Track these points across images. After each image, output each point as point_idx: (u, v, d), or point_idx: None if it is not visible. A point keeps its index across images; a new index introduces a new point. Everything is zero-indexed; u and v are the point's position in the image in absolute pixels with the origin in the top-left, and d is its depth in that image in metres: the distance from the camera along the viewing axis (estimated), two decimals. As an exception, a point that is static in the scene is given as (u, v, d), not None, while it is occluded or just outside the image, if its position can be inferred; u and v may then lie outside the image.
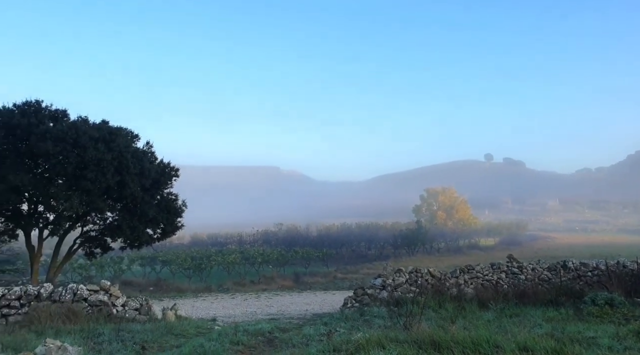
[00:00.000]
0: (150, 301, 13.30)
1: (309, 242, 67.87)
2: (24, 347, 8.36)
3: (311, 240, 71.38)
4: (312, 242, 68.19)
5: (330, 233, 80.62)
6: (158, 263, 41.12)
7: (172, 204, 20.73)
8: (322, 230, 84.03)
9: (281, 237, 77.71)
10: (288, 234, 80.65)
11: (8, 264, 28.08)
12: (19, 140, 17.21)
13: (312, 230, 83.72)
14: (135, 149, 19.48)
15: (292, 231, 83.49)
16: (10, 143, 17.09)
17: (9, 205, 17.74)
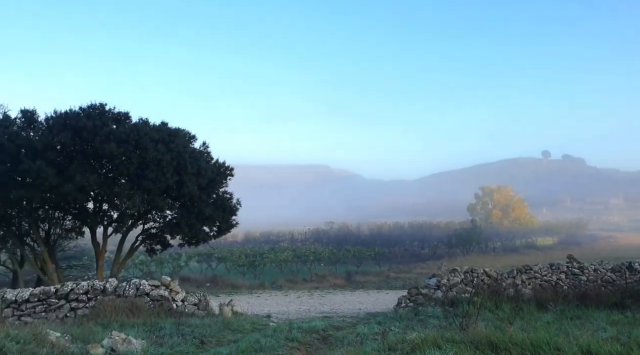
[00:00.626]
0: (208, 297, 13.69)
1: (360, 241, 67.78)
2: (91, 339, 8.79)
3: (363, 239, 71.26)
4: (363, 241, 68.06)
5: (382, 232, 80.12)
6: (214, 260, 42.24)
7: (227, 203, 21.25)
8: (373, 229, 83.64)
9: (332, 236, 77.98)
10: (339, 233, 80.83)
11: (75, 259, 29.64)
12: (85, 142, 18.10)
13: (363, 229, 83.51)
14: (193, 150, 20.09)
15: (344, 230, 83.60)
16: (77, 145, 18.01)
17: (77, 204, 18.72)
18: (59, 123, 18.34)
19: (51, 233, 21.72)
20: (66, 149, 18.07)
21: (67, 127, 18.09)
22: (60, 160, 17.79)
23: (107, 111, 19.06)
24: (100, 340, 8.30)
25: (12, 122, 18.37)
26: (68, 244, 26.53)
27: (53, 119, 18.57)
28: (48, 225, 21.23)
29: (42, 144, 17.56)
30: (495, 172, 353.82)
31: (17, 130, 18.15)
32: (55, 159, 17.59)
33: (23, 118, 18.63)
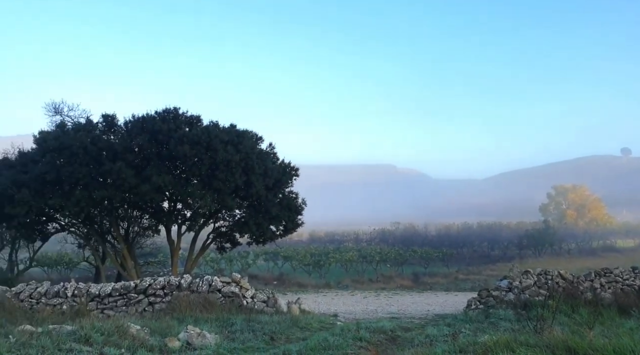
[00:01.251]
0: (276, 294, 13.97)
1: (427, 242, 66.69)
2: (168, 332, 9.22)
3: (430, 240, 70.07)
4: (430, 242, 66.92)
5: (450, 233, 78.43)
6: (280, 258, 42.99)
7: (292, 202, 21.57)
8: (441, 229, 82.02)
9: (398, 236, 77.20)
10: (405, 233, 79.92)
11: (151, 256, 31.16)
12: (161, 145, 18.96)
13: (430, 230, 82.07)
14: (260, 151, 20.55)
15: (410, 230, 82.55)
16: (154, 147, 18.89)
17: (153, 203, 19.65)
18: (136, 127, 19.34)
19: (130, 231, 22.96)
20: (143, 151, 18.99)
21: (144, 130, 19.03)
22: (138, 162, 18.74)
23: (180, 115, 19.89)
24: (176, 334, 8.70)
25: (95, 126, 19.56)
26: (145, 241, 27.96)
27: (131, 123, 19.60)
28: (127, 224, 22.46)
29: (121, 147, 18.58)
30: (569, 170, 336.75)
31: (99, 134, 19.30)
32: (134, 160, 18.56)
33: (104, 122, 19.79)
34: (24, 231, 20.15)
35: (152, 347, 7.86)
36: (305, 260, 37.15)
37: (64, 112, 23.44)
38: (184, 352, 7.89)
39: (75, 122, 21.58)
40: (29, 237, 21.67)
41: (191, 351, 7.92)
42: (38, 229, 20.98)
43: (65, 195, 17.73)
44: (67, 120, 22.44)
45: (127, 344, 7.81)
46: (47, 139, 18.50)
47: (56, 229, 22.24)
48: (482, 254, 61.80)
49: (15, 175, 18.11)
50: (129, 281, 13.68)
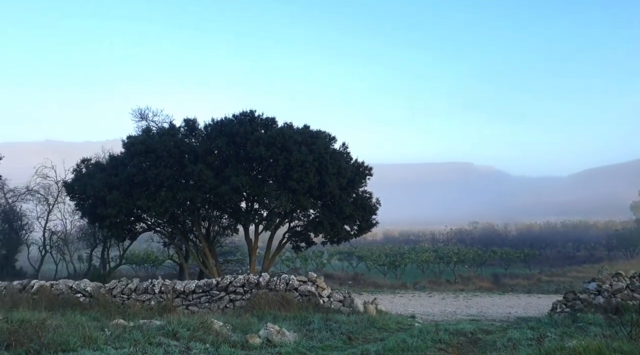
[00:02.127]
0: (352, 294, 13.98)
1: (507, 242, 64.21)
2: (249, 329, 9.48)
3: (510, 240, 67.39)
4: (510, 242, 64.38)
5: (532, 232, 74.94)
6: (354, 258, 42.98)
7: (366, 202, 21.49)
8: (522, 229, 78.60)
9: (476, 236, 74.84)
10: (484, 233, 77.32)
11: (230, 255, 32.20)
12: (238, 147, 19.57)
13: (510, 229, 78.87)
14: (333, 150, 20.65)
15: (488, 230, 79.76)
16: (231, 149, 19.53)
17: (232, 203, 20.31)
18: (215, 130, 20.09)
19: (210, 230, 23.89)
20: (222, 153, 19.69)
21: (223, 133, 19.73)
22: (217, 164, 19.47)
23: (256, 117, 20.44)
24: (257, 331, 8.91)
25: (177, 130, 20.51)
26: (224, 240, 28.94)
27: (210, 126, 20.39)
28: (208, 223, 23.38)
29: (202, 149, 19.38)
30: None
31: (181, 137, 20.22)
32: (213, 162, 19.29)
33: (186, 126, 20.71)
34: (114, 230, 21.48)
35: (235, 343, 8.10)
36: (380, 260, 36.91)
37: (149, 118, 24.90)
38: (264, 348, 8.07)
39: (159, 127, 22.78)
40: (119, 236, 23.09)
41: (271, 348, 8.09)
42: (127, 229, 22.31)
43: (152, 196, 18.72)
44: (152, 125, 23.76)
45: (211, 339, 8.11)
46: (135, 143, 19.65)
47: (143, 228, 23.57)
48: (566, 255, 58.66)
49: (107, 178, 19.38)
50: (211, 279, 14.21)
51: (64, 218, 30.91)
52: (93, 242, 29.15)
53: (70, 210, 29.73)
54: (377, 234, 76.41)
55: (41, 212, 30.23)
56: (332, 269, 37.32)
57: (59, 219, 30.76)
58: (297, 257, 33.77)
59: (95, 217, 20.41)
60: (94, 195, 19.46)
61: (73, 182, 21.48)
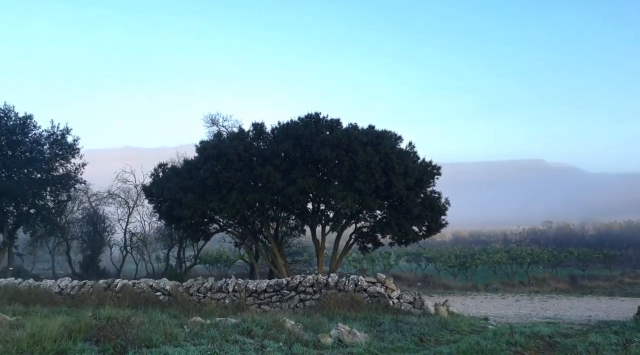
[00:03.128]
0: (422, 296, 13.81)
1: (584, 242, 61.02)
2: (320, 329, 9.60)
3: (587, 240, 63.94)
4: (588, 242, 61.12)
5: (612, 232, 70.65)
6: (422, 260, 42.35)
7: (435, 202, 21.12)
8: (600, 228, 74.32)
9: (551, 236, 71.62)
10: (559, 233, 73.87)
11: (297, 255, 32.71)
12: (304, 149, 19.87)
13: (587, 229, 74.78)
14: (399, 150, 20.47)
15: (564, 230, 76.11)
16: (297, 151, 19.85)
17: (299, 204, 20.63)
18: (282, 133, 20.51)
19: (279, 231, 24.39)
20: (288, 156, 20.07)
21: (289, 136, 20.11)
22: (284, 166, 19.86)
23: (321, 119, 20.67)
24: (327, 331, 9.02)
25: (246, 134, 21.11)
26: (292, 240, 29.44)
27: (277, 130, 20.83)
28: (276, 224, 23.89)
29: (269, 152, 19.84)
30: None
31: (250, 141, 20.80)
32: (280, 164, 19.70)
33: (254, 130, 21.27)
34: (190, 231, 22.43)
35: (307, 342, 8.25)
36: (450, 261, 36.14)
37: (220, 123, 25.90)
38: (336, 348, 8.15)
39: (229, 132, 23.58)
40: (194, 236, 24.08)
41: (343, 348, 8.16)
42: (201, 229, 23.24)
43: (223, 199, 19.38)
44: (223, 130, 24.65)
45: (284, 338, 8.30)
46: (207, 148, 20.43)
47: (216, 229, 24.46)
48: (651, 255, 54.83)
49: (182, 182, 20.27)
50: (281, 278, 14.52)
51: (142, 220, 32.66)
52: (170, 243, 30.58)
53: (149, 213, 31.39)
54: (446, 235, 74.84)
55: (122, 214, 32.09)
56: (400, 271, 36.95)
57: (138, 221, 32.54)
58: (364, 258, 33.73)
59: (171, 218, 21.42)
60: (171, 198, 20.42)
61: (151, 186, 22.66)
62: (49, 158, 26.57)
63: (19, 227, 27.45)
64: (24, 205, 26.59)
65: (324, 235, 21.94)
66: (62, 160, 27.08)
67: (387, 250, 35.12)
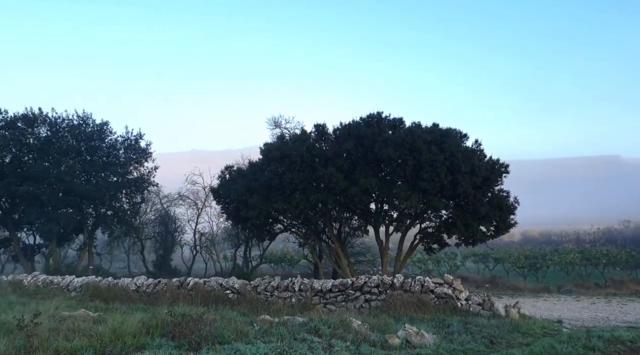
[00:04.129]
0: (491, 297, 13.44)
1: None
2: (386, 329, 9.57)
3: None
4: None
5: (699, 231, 65.60)
6: (490, 260, 41.13)
7: (503, 201, 20.47)
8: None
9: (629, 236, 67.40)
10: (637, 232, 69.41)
11: (360, 255, 32.68)
12: (366, 149, 19.84)
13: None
14: (465, 148, 20.00)
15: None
16: (360, 151, 19.86)
17: (361, 205, 20.63)
18: (343, 133, 20.57)
19: (342, 231, 24.49)
20: (351, 156, 20.11)
21: (351, 136, 20.15)
22: (346, 166, 19.91)
23: (383, 119, 20.56)
24: (395, 332, 8.98)
25: (308, 135, 21.36)
26: (355, 241, 29.47)
27: (339, 130, 20.92)
28: (339, 224, 24.00)
29: (331, 153, 19.96)
30: None
31: (312, 142, 21.02)
32: (343, 165, 19.76)
33: (316, 131, 21.48)
34: (255, 231, 22.99)
35: (374, 342, 8.26)
36: (519, 262, 34.85)
37: (282, 125, 26.41)
38: (404, 349, 8.11)
39: (291, 133, 23.96)
40: (260, 236, 24.66)
41: (411, 349, 8.10)
42: (266, 230, 23.76)
43: (287, 199, 19.70)
44: (285, 132, 25.10)
45: (351, 338, 8.35)
46: (271, 150, 20.85)
47: (280, 229, 24.92)
48: None
49: (248, 183, 20.80)
50: (346, 279, 14.58)
51: (210, 220, 33.83)
52: (236, 243, 31.48)
53: (216, 213, 32.47)
54: (515, 235, 72.14)
55: (191, 215, 33.39)
56: (467, 272, 36.04)
57: (207, 221, 33.73)
58: (429, 259, 33.19)
59: (238, 219, 22.02)
60: (237, 199, 21.00)
61: (218, 188, 23.41)
62: (124, 162, 28.08)
63: (98, 228, 29.18)
64: (102, 207, 28.24)
65: (387, 235, 21.81)
66: (136, 164, 28.56)
67: (452, 251, 34.40)
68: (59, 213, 25.73)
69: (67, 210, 26.48)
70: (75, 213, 26.85)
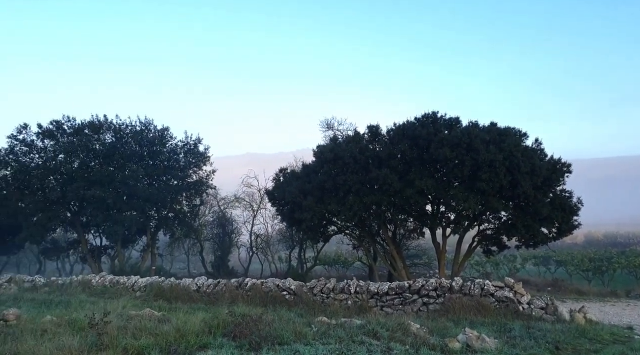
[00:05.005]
0: (555, 301, 12.96)
1: None
2: (445, 333, 9.42)
3: None
4: None
5: None
6: (552, 263, 39.63)
7: (566, 202, 19.68)
8: None
9: None
10: None
11: (416, 258, 32.27)
12: (421, 149, 19.58)
13: None
14: (525, 148, 19.37)
15: None
16: (414, 152, 19.62)
17: (417, 206, 20.38)
18: (398, 134, 20.40)
19: (397, 233, 24.28)
20: (405, 157, 19.89)
21: (405, 136, 19.95)
22: (400, 167, 19.73)
23: (438, 118, 20.24)
24: (454, 335, 8.82)
25: (361, 137, 21.33)
26: (410, 243, 29.13)
27: (393, 131, 20.76)
28: (394, 226, 23.81)
29: (385, 154, 19.83)
30: None
31: (365, 143, 20.98)
32: (397, 166, 19.61)
33: (369, 133, 21.41)
34: (310, 233, 23.17)
35: (434, 346, 8.15)
36: (583, 265, 33.37)
37: (335, 127, 26.51)
38: (464, 353, 7.96)
39: (344, 135, 24.01)
40: (314, 238, 24.84)
41: (472, 354, 7.95)
42: (320, 231, 23.89)
43: (341, 201, 19.74)
44: (338, 134, 25.18)
45: (410, 341, 8.27)
46: (324, 152, 20.97)
47: (334, 231, 24.99)
48: None
49: (301, 185, 21.00)
50: (402, 281, 14.45)
51: (265, 222, 34.39)
52: (291, 244, 31.85)
53: (271, 215, 32.98)
54: (578, 237, 69.10)
55: (247, 217, 34.08)
56: (527, 274, 34.80)
57: (262, 223, 34.33)
58: (488, 262, 32.35)
59: (292, 221, 22.28)
60: (291, 201, 21.26)
61: (273, 190, 23.78)
62: (184, 166, 29.05)
63: (160, 230, 30.31)
64: (164, 210, 29.31)
65: (444, 237, 21.43)
66: (195, 167, 29.49)
67: (512, 253, 33.37)
68: (124, 216, 26.92)
69: (131, 212, 27.66)
70: (138, 215, 27.99)
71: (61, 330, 8.60)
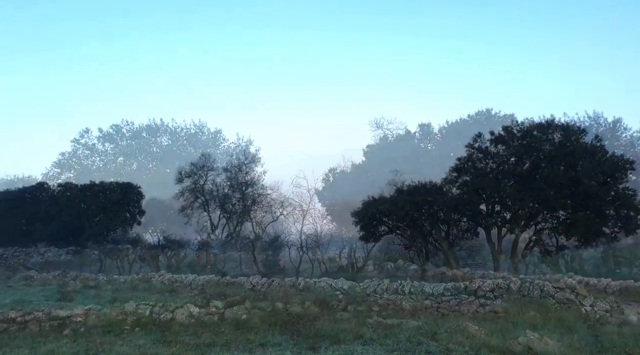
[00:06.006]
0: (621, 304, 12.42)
1: None
2: (505, 335, 9.19)
3: None
4: None
5: None
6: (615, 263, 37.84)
7: (629, 200, 18.83)
8: None
9: None
10: None
11: (470, 258, 31.57)
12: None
13: None
14: (584, 145, 18.69)
15: None
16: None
17: (471, 206, 19.99)
18: (449, 132, 20.10)
19: (450, 233, 23.87)
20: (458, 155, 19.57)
21: (458, 134, 19.61)
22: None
23: (493, 116, 19.86)
24: (514, 337, 8.61)
25: (412, 135, 21.17)
26: (464, 243, 28.54)
27: (445, 129, 20.54)
28: (447, 226, 23.43)
29: (437, 152, 19.57)
30: None
31: (417, 142, 20.77)
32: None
33: (420, 131, 21.21)
34: (362, 233, 23.18)
35: (494, 348, 7.98)
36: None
37: (384, 126, 26.36)
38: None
39: (394, 134, 23.86)
40: (365, 237, 24.82)
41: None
42: (371, 231, 23.84)
43: (393, 201, 19.63)
44: (387, 133, 25.04)
45: (469, 343, 8.15)
46: (374, 151, 20.90)
47: (385, 231, 24.85)
48: None
49: (351, 185, 21.03)
50: (458, 282, 14.20)
51: (315, 222, 34.65)
52: (341, 244, 31.90)
53: (320, 215, 33.20)
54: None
55: (297, 216, 34.44)
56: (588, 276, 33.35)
57: (311, 222, 34.61)
58: (546, 262, 31.25)
59: (343, 220, 22.33)
60: (342, 201, 21.31)
61: (323, 190, 23.91)
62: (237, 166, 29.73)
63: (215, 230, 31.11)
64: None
65: (500, 237, 20.92)
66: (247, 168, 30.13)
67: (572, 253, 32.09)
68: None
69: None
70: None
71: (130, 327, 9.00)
